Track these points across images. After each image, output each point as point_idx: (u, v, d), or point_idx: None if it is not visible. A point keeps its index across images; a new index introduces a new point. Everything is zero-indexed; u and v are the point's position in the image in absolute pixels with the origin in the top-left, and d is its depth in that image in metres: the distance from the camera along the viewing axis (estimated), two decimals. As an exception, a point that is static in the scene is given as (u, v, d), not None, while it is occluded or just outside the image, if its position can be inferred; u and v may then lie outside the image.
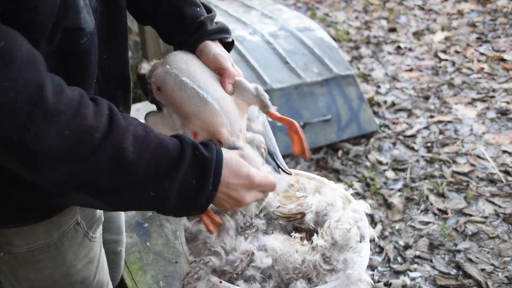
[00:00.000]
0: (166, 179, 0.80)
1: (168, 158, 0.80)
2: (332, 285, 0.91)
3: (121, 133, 0.76)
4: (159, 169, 0.79)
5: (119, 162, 0.75)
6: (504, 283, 2.03)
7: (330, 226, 0.97)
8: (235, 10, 3.48)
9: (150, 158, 0.78)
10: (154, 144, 0.79)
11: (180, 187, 0.81)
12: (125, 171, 0.76)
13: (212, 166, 0.84)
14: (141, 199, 0.81)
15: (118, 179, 0.76)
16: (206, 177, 0.83)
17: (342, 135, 2.98)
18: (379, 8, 5.15)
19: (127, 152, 0.76)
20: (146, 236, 1.89)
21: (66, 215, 1.01)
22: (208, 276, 0.92)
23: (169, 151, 0.81)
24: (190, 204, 0.84)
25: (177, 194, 0.81)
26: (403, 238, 2.32)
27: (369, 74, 3.85)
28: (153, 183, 0.79)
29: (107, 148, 0.74)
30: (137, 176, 0.77)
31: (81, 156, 0.72)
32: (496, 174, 2.66)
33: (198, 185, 0.83)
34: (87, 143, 0.72)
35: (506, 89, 3.47)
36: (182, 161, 0.81)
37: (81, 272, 1.09)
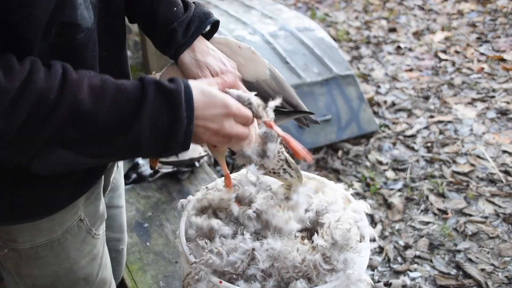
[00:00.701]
0: (134, 121, 0.78)
1: (130, 100, 0.79)
2: (332, 285, 0.91)
3: (75, 86, 0.76)
4: (123, 112, 0.78)
5: (78, 114, 0.75)
6: (504, 283, 2.03)
7: (330, 226, 0.97)
8: (235, 10, 3.48)
9: (110, 104, 0.77)
10: (112, 90, 0.78)
11: (151, 126, 0.79)
12: (87, 122, 0.76)
13: (181, 98, 0.81)
14: (115, 145, 0.80)
15: (84, 131, 0.77)
16: (176, 110, 0.80)
17: (342, 135, 2.98)
18: (379, 8, 5.15)
19: (84, 103, 0.75)
20: (146, 236, 1.89)
21: (69, 211, 1.02)
22: (208, 277, 0.92)
23: (129, 93, 0.79)
24: (169, 142, 0.82)
25: (150, 134, 0.79)
26: (403, 238, 2.32)
27: (369, 74, 3.85)
28: (121, 127, 0.78)
29: (63, 105, 0.74)
30: (101, 124, 0.77)
31: (40, 119, 0.73)
32: (496, 174, 2.66)
33: (171, 121, 0.80)
34: (43, 105, 0.73)
35: (506, 89, 3.47)
36: (145, 100, 0.79)
37: (85, 269, 1.09)
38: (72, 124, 0.75)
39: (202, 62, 1.00)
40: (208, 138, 0.88)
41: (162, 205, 2.05)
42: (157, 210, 2.02)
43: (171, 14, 1.02)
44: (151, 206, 2.05)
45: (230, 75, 0.99)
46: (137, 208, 2.04)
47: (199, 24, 1.02)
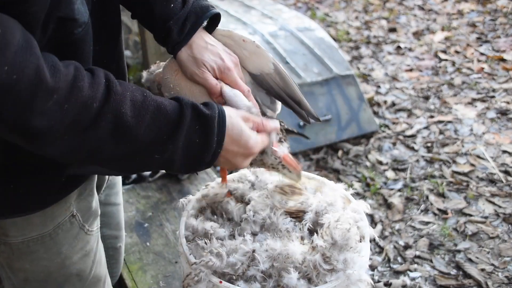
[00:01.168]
0: (169, 141, 0.82)
1: (168, 120, 0.82)
2: (332, 285, 0.91)
3: (119, 99, 0.78)
4: (161, 131, 0.82)
5: (119, 128, 0.78)
6: (504, 283, 2.03)
7: (330, 226, 0.97)
8: (235, 10, 3.48)
9: (150, 122, 0.81)
10: (153, 107, 0.82)
11: (184, 147, 0.84)
12: (126, 136, 0.79)
13: (213, 123, 0.86)
14: (147, 162, 0.84)
15: (121, 145, 0.79)
16: (208, 134, 0.86)
17: (342, 135, 2.98)
18: (379, 8, 5.15)
19: (126, 117, 0.78)
20: (146, 236, 1.89)
21: (61, 207, 1.02)
22: (208, 278, 0.92)
23: (168, 113, 0.83)
24: (196, 162, 0.87)
25: (182, 154, 0.84)
26: (403, 238, 2.32)
27: (369, 74, 3.85)
28: (157, 145, 0.82)
29: (106, 116, 0.77)
30: (139, 140, 0.80)
31: (82, 126, 0.75)
32: (496, 174, 2.66)
33: (202, 144, 0.85)
34: (87, 113, 0.75)
35: (506, 89, 3.47)
36: (182, 122, 0.83)
37: (77, 264, 1.09)
38: (112, 136, 0.78)
39: (199, 59, 1.00)
40: (229, 169, 0.95)
41: (162, 205, 2.05)
42: (157, 210, 2.02)
43: (168, 11, 1.02)
44: (151, 206, 2.05)
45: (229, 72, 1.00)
46: (137, 208, 2.04)
47: (196, 20, 1.02)
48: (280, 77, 1.06)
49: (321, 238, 0.96)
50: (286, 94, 1.07)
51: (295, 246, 0.96)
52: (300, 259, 0.95)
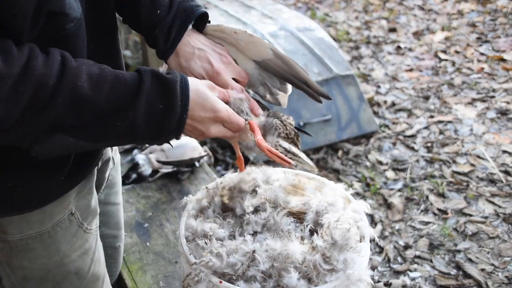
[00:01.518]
0: (130, 108, 0.82)
1: (127, 88, 0.82)
2: (332, 285, 0.91)
3: (74, 73, 0.78)
4: (120, 99, 0.81)
5: (77, 101, 0.78)
6: (504, 283, 2.03)
7: (330, 226, 0.97)
8: (235, 10, 3.48)
9: (108, 92, 0.80)
10: (110, 78, 0.82)
11: (146, 113, 0.83)
12: (86, 108, 0.79)
13: (176, 87, 0.85)
14: (111, 130, 0.83)
15: (82, 116, 0.80)
16: (171, 98, 0.84)
17: (342, 135, 2.98)
18: (379, 8, 5.15)
19: (83, 90, 0.78)
20: (146, 236, 1.89)
21: (59, 205, 1.02)
22: (208, 278, 0.92)
23: (127, 81, 0.83)
24: (161, 129, 0.86)
25: (145, 120, 0.83)
26: (403, 238, 2.32)
27: (369, 74, 3.85)
28: (118, 113, 0.82)
29: (63, 91, 0.77)
30: (100, 110, 0.80)
31: (40, 105, 0.76)
32: (496, 174, 2.66)
33: (165, 108, 0.84)
34: (43, 92, 0.75)
35: (506, 89, 3.47)
36: (141, 87, 0.83)
37: (75, 262, 1.09)
38: (72, 110, 0.78)
39: (186, 68, 1.01)
40: (196, 137, 0.93)
41: (162, 205, 2.05)
42: (157, 210, 2.02)
43: (154, 18, 1.02)
44: (151, 206, 2.05)
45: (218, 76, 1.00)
46: (137, 208, 2.04)
47: (181, 25, 1.01)
48: (282, 60, 1.06)
49: (321, 238, 0.96)
50: (292, 75, 1.07)
51: (295, 246, 0.96)
52: (300, 259, 0.95)
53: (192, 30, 1.04)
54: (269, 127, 1.06)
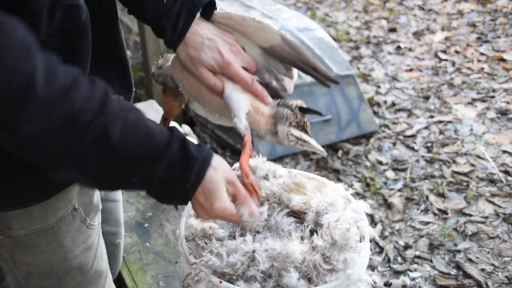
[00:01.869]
0: (147, 167, 0.82)
1: (153, 148, 0.82)
2: (332, 285, 0.91)
3: (111, 117, 0.78)
4: (142, 156, 0.81)
5: (102, 144, 0.77)
6: (504, 283, 2.03)
7: (330, 226, 0.97)
8: (235, 10, 3.48)
9: (134, 145, 0.80)
10: (142, 132, 0.81)
11: (162, 176, 0.83)
12: (108, 154, 0.79)
13: (196, 165, 0.86)
14: (124, 182, 0.84)
15: (100, 161, 0.79)
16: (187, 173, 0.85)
17: (342, 135, 2.98)
18: (379, 8, 5.15)
19: (113, 136, 0.78)
20: (146, 236, 1.89)
21: (63, 200, 1.02)
22: (208, 277, 0.92)
23: (156, 142, 0.82)
24: (172, 194, 0.87)
25: (159, 182, 0.84)
26: (403, 238, 2.32)
27: (369, 74, 3.85)
28: (135, 169, 0.82)
29: (92, 130, 0.76)
30: (119, 160, 0.80)
31: (66, 137, 0.75)
32: (496, 174, 2.66)
33: (180, 178, 0.85)
34: (73, 126, 0.75)
35: (506, 89, 3.47)
36: (166, 153, 0.83)
37: (78, 258, 1.09)
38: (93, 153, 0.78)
39: (196, 59, 0.99)
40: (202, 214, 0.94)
41: (162, 205, 2.05)
42: (157, 210, 2.02)
43: (161, 7, 0.99)
44: (151, 206, 2.05)
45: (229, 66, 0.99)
46: (137, 208, 2.04)
47: (188, 15, 0.99)
48: (290, 46, 1.05)
49: (321, 238, 0.96)
50: (300, 61, 1.06)
51: (295, 246, 0.96)
52: (300, 259, 0.95)
53: (200, 19, 1.01)
54: (279, 117, 1.07)
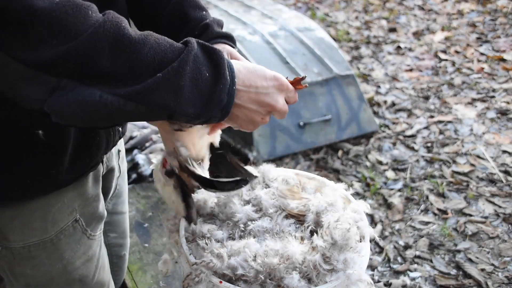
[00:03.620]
0: (175, 65, 0.71)
1: (173, 46, 0.73)
2: (332, 285, 0.91)
3: (118, 17, 0.70)
4: (165, 52, 0.71)
5: (120, 40, 0.68)
6: (504, 283, 2.03)
7: (330, 226, 0.97)
8: (235, 10, 3.48)
9: (153, 43, 0.71)
10: (156, 35, 0.74)
11: (192, 77, 0.72)
12: (128, 51, 0.69)
13: (223, 57, 0.76)
14: (151, 84, 0.70)
15: (121, 61, 0.69)
16: (219, 66, 0.75)
17: (342, 135, 2.98)
18: (379, 8, 5.15)
19: (128, 31, 0.69)
20: (146, 236, 1.89)
21: (63, 211, 1.00)
22: (209, 278, 0.91)
23: (173, 42, 0.74)
24: (210, 99, 0.74)
25: (191, 84, 0.72)
26: (403, 238, 2.32)
27: (369, 74, 3.85)
28: (162, 66, 0.70)
29: (105, 24, 0.68)
30: (142, 58, 0.69)
31: (77, 29, 0.66)
32: (496, 174, 2.66)
33: (214, 76, 0.75)
34: (82, 16, 0.67)
35: (506, 89, 3.47)
36: (188, 50, 0.73)
37: (79, 270, 1.07)
38: (110, 49, 0.68)
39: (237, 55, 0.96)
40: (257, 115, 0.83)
41: (162, 205, 2.05)
42: (157, 210, 2.02)
43: (203, 15, 1.00)
44: (151, 206, 2.05)
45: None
46: (137, 208, 2.04)
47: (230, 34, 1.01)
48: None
49: (321, 238, 0.96)
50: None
51: (295, 247, 0.96)
52: (300, 259, 0.95)
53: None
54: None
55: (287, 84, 0.86)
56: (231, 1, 3.74)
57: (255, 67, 0.82)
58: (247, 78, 0.79)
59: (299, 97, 1.06)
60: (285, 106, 0.86)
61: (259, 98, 0.82)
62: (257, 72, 0.81)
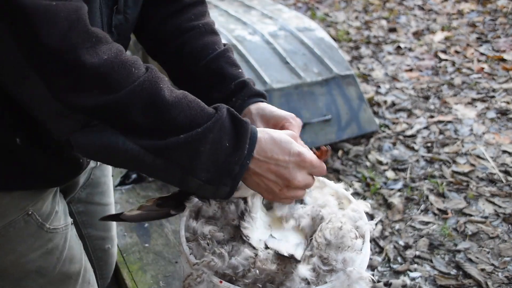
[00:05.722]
0: (199, 131, 0.76)
1: (204, 111, 0.79)
2: (332, 285, 0.91)
3: (158, 77, 0.76)
4: (194, 118, 0.77)
5: (155, 99, 0.74)
6: (504, 283, 2.03)
7: (322, 228, 0.97)
8: (235, 10, 3.48)
9: (185, 106, 0.77)
10: (191, 98, 0.79)
11: (212, 144, 0.77)
12: (159, 111, 0.75)
13: (248, 130, 0.80)
14: (170, 147, 0.76)
15: (151, 118, 0.75)
16: (241, 138, 0.80)
17: (342, 135, 2.98)
18: (379, 8, 5.15)
19: (163, 91, 0.75)
20: (146, 236, 1.89)
21: (12, 207, 0.99)
22: (210, 278, 0.91)
23: (205, 107, 0.79)
24: (222, 168, 0.79)
25: (209, 151, 0.77)
26: (403, 238, 2.32)
27: (369, 74, 3.85)
28: (185, 130, 0.76)
29: (144, 83, 0.74)
30: (171, 118, 0.75)
31: (119, 84, 0.73)
32: (496, 174, 2.66)
33: (232, 147, 0.79)
34: (126, 73, 0.73)
35: (506, 89, 3.47)
36: (216, 117, 0.79)
37: (36, 262, 1.06)
38: (144, 107, 0.74)
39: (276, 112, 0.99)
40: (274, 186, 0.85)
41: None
42: (157, 210, 2.02)
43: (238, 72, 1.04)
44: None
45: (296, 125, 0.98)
46: (137, 208, 2.05)
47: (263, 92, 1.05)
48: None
49: (315, 241, 0.96)
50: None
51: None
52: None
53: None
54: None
55: (311, 161, 0.87)
56: (231, 1, 3.74)
57: (281, 139, 0.84)
58: (269, 149, 0.83)
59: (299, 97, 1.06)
60: (303, 182, 0.88)
61: (278, 171, 0.84)
62: (282, 145, 0.84)
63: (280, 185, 0.86)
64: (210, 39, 1.08)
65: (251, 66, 2.84)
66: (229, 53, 1.08)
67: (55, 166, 0.99)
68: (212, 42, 1.08)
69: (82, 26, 0.72)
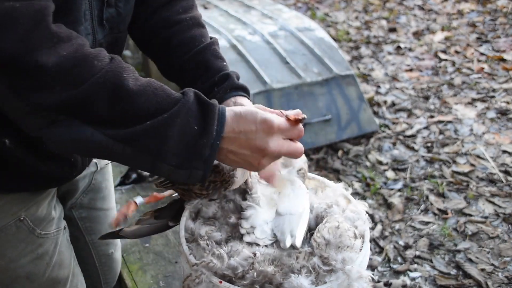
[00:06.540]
0: (166, 116, 0.76)
1: (169, 97, 0.78)
2: (332, 285, 0.91)
3: (121, 67, 0.76)
4: (160, 104, 0.77)
5: (119, 90, 0.74)
6: (504, 283, 2.03)
7: (319, 229, 0.98)
8: (235, 10, 3.48)
9: (151, 93, 0.77)
10: (156, 85, 0.79)
11: (180, 129, 0.77)
12: (124, 101, 0.75)
13: (215, 111, 0.80)
14: (139, 132, 0.76)
15: (117, 108, 0.75)
16: (208, 121, 0.79)
17: (342, 135, 2.98)
18: (379, 8, 5.15)
19: (127, 81, 0.75)
20: (146, 237, 1.89)
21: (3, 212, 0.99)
22: (209, 279, 0.91)
23: (171, 92, 0.79)
24: (193, 151, 0.78)
25: (177, 136, 0.77)
26: (403, 238, 2.32)
27: (369, 74, 3.85)
28: (152, 116, 0.76)
29: (107, 74, 0.74)
30: (135, 106, 0.75)
31: (80, 78, 0.73)
32: (496, 174, 2.66)
33: (200, 131, 0.78)
34: (87, 67, 0.73)
35: (506, 89, 3.47)
36: (183, 101, 0.78)
37: (26, 267, 1.06)
38: (109, 98, 0.74)
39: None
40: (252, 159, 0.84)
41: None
42: (157, 210, 2.02)
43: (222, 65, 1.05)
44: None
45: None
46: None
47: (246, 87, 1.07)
48: None
49: (314, 241, 0.96)
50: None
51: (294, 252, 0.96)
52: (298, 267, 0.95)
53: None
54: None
55: (278, 125, 0.84)
56: (231, 1, 3.74)
57: (246, 111, 0.83)
58: (236, 125, 0.81)
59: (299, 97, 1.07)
60: (278, 148, 0.85)
61: (250, 143, 0.82)
62: (247, 117, 0.82)
63: (256, 157, 0.84)
64: (197, 32, 1.09)
65: (251, 66, 2.84)
66: (215, 46, 1.09)
67: (48, 167, 0.99)
68: (199, 35, 1.09)
69: (44, 27, 0.71)
